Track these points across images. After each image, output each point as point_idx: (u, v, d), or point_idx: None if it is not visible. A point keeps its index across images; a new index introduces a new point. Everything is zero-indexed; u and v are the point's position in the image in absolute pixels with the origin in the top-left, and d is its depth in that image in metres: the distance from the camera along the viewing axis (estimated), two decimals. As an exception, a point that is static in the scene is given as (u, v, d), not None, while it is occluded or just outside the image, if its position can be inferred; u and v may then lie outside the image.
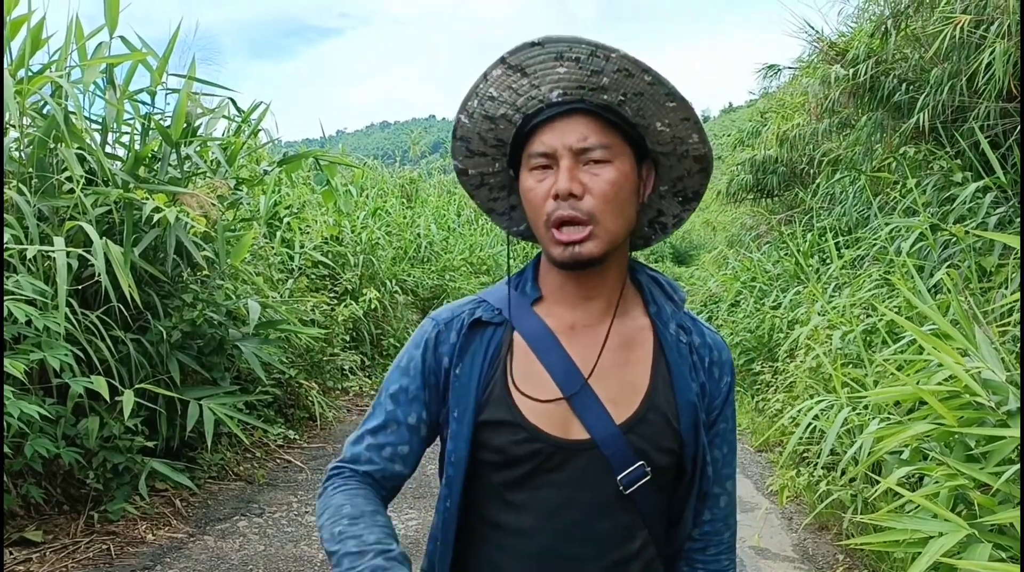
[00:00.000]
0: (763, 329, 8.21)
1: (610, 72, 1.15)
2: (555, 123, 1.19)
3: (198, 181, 5.72)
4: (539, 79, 1.18)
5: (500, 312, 1.31)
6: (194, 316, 5.08)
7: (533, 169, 1.21)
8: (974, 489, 2.52)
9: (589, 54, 1.14)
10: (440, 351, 1.30)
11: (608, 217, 1.18)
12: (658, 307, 1.32)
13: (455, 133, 1.28)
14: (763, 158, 11.56)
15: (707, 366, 1.32)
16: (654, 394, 1.26)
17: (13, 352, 3.89)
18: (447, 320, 1.32)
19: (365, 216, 10.93)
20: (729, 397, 1.35)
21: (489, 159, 1.31)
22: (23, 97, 4.56)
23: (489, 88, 1.21)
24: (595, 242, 1.18)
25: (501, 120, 1.24)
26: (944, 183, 5.73)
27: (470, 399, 1.25)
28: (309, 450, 6.58)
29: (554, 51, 1.15)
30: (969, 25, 5.12)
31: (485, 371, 1.27)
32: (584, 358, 1.26)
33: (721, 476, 1.35)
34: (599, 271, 1.26)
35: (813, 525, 4.95)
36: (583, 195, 1.16)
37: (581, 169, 1.17)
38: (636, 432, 1.24)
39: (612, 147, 1.19)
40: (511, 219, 1.40)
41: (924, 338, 2.91)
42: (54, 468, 4.48)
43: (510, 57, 1.18)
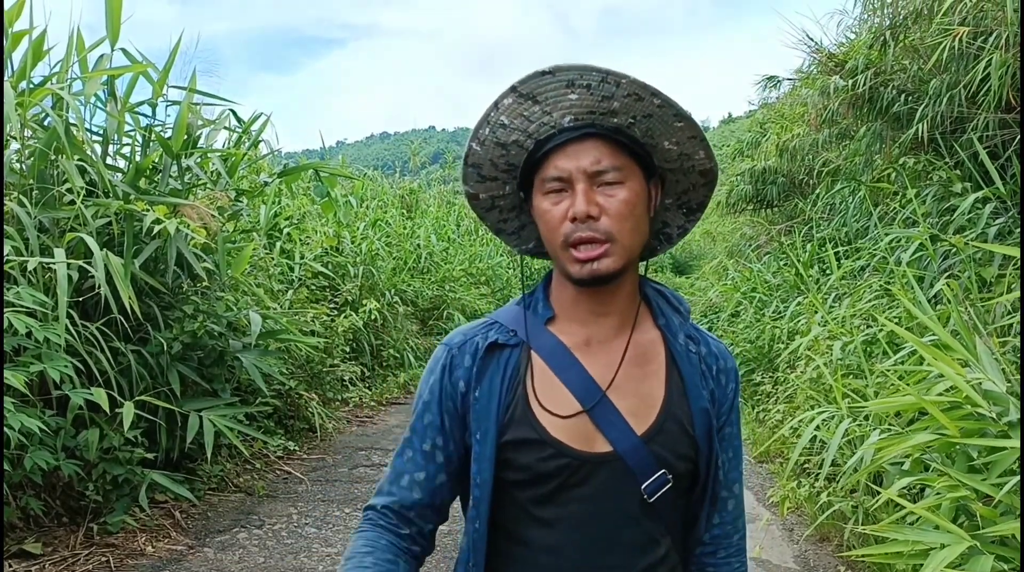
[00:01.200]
0: (763, 339, 8.20)
1: (620, 97, 1.20)
2: (568, 148, 1.23)
3: (199, 192, 5.73)
4: (550, 106, 1.22)
5: (515, 333, 1.34)
6: (195, 327, 5.08)
7: (548, 193, 1.25)
8: (976, 500, 2.51)
9: (600, 81, 1.18)
10: (455, 376, 1.32)
11: (625, 235, 1.23)
12: (667, 319, 1.36)
13: (467, 160, 1.31)
14: (762, 168, 11.58)
15: (715, 374, 1.36)
16: (670, 404, 1.30)
17: (13, 364, 3.88)
18: (460, 344, 1.34)
19: (365, 227, 10.94)
20: (735, 403, 1.39)
21: (500, 183, 1.34)
22: (24, 109, 4.57)
23: (501, 116, 1.25)
24: (612, 259, 1.22)
25: (513, 146, 1.28)
26: (944, 194, 5.74)
27: (491, 421, 1.28)
28: (309, 461, 6.57)
29: (565, 79, 1.19)
30: (967, 37, 5.14)
31: (505, 392, 1.30)
32: (602, 373, 1.30)
33: (728, 480, 1.39)
34: (613, 287, 1.29)
35: (814, 536, 4.93)
36: (600, 216, 1.21)
37: (596, 191, 1.22)
38: (656, 441, 1.28)
39: (624, 168, 1.23)
40: (520, 238, 1.44)
41: (925, 349, 2.91)
42: (54, 480, 4.47)
43: (521, 86, 1.21)
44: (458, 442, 1.34)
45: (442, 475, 1.34)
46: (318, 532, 4.98)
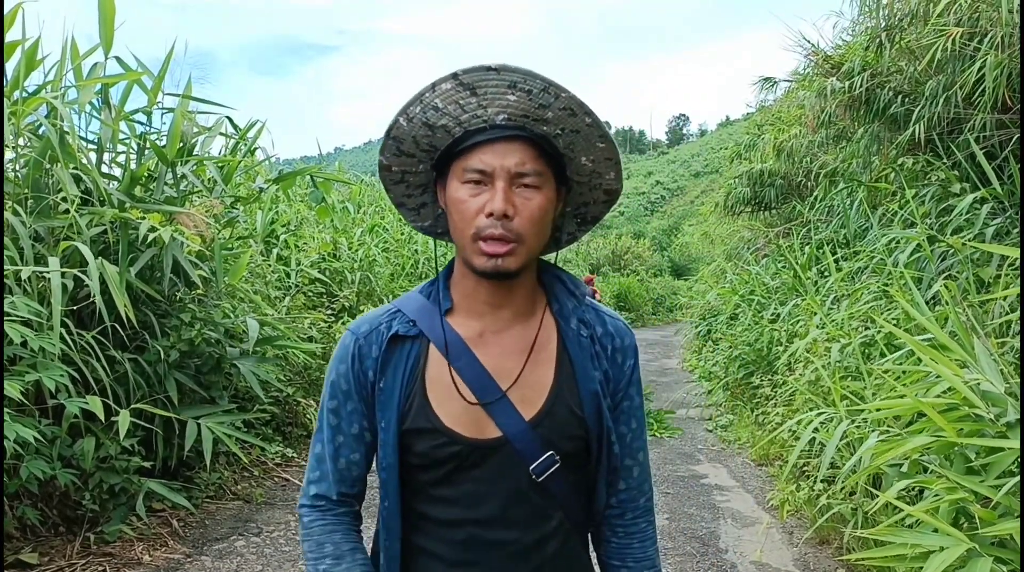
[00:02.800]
0: (762, 342, 8.18)
1: (556, 109, 1.27)
2: (496, 144, 1.29)
3: (195, 200, 5.72)
4: (488, 101, 1.28)
5: (415, 324, 1.40)
6: (192, 335, 5.07)
7: (467, 182, 1.30)
8: (974, 502, 2.50)
9: (542, 89, 1.25)
10: (365, 365, 1.39)
11: (532, 237, 1.30)
12: (560, 305, 1.44)
13: (389, 132, 1.35)
14: (760, 171, 11.56)
15: (610, 354, 1.44)
16: (559, 389, 1.39)
17: (9, 373, 3.87)
18: (366, 333, 1.41)
19: (362, 233, 10.93)
20: (632, 377, 1.47)
21: (415, 161, 1.39)
22: (18, 118, 4.57)
23: (435, 98, 1.29)
24: (516, 258, 1.29)
25: (440, 130, 1.33)
26: (942, 194, 5.73)
27: (393, 410, 1.37)
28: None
29: (509, 80, 1.25)
30: (962, 38, 5.13)
31: (405, 383, 1.37)
32: (495, 364, 1.38)
33: (632, 449, 1.48)
34: (511, 282, 1.36)
35: (814, 539, 4.92)
36: (514, 217, 1.28)
37: (513, 191, 1.28)
38: (544, 426, 1.36)
39: (543, 174, 1.30)
40: (419, 215, 1.51)
41: (923, 349, 2.90)
42: (50, 489, 4.46)
43: (464, 75, 1.26)
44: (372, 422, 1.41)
45: (372, 451, 1.44)
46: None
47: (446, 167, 1.35)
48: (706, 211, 19.71)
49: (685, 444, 8.25)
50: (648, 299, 31.64)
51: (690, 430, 9.01)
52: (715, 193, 21.29)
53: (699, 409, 10.21)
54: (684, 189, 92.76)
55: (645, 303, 31.26)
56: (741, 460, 7.38)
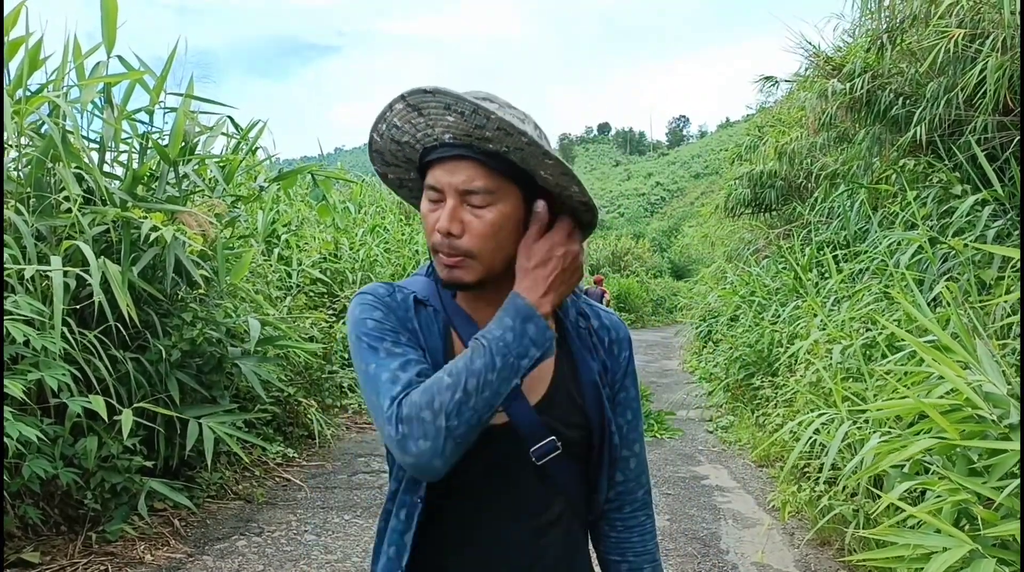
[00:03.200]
0: (762, 343, 8.19)
1: (492, 129, 1.26)
2: (446, 163, 1.31)
3: (196, 199, 5.73)
4: (433, 121, 1.29)
5: (428, 299, 1.41)
6: (193, 335, 5.07)
7: (427, 198, 1.33)
8: (977, 503, 2.50)
9: (472, 111, 1.25)
10: (399, 315, 1.37)
11: (485, 253, 1.30)
12: None
13: (371, 146, 1.39)
14: (761, 172, 11.57)
15: (607, 346, 1.48)
16: (560, 377, 1.42)
17: (11, 372, 3.87)
18: (388, 294, 1.39)
19: (363, 233, 10.94)
20: (628, 369, 1.50)
21: (403, 169, 1.43)
22: (21, 117, 4.57)
23: (394, 118, 1.32)
24: (468, 271, 1.31)
25: (405, 145, 1.36)
26: (943, 196, 5.73)
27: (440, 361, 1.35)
28: (308, 468, 6.56)
29: (443, 102, 1.26)
30: (963, 39, 5.14)
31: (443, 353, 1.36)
32: None
33: (628, 440, 1.50)
34: (492, 286, 1.35)
35: (815, 540, 4.92)
36: (462, 234, 1.29)
37: (464, 209, 1.29)
38: (546, 412, 1.38)
39: (496, 191, 1.29)
40: None
41: (925, 350, 2.90)
42: (52, 488, 4.46)
43: (409, 96, 1.28)
44: None
45: None
46: (317, 539, 4.96)
47: None
48: (706, 212, 19.70)
49: (686, 445, 8.25)
50: (648, 300, 31.67)
51: (690, 431, 9.01)
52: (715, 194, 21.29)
53: (699, 410, 10.21)
54: (684, 190, 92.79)
55: (645, 304, 31.29)
56: (742, 461, 7.38)
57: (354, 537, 5.00)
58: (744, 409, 8.63)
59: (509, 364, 1.23)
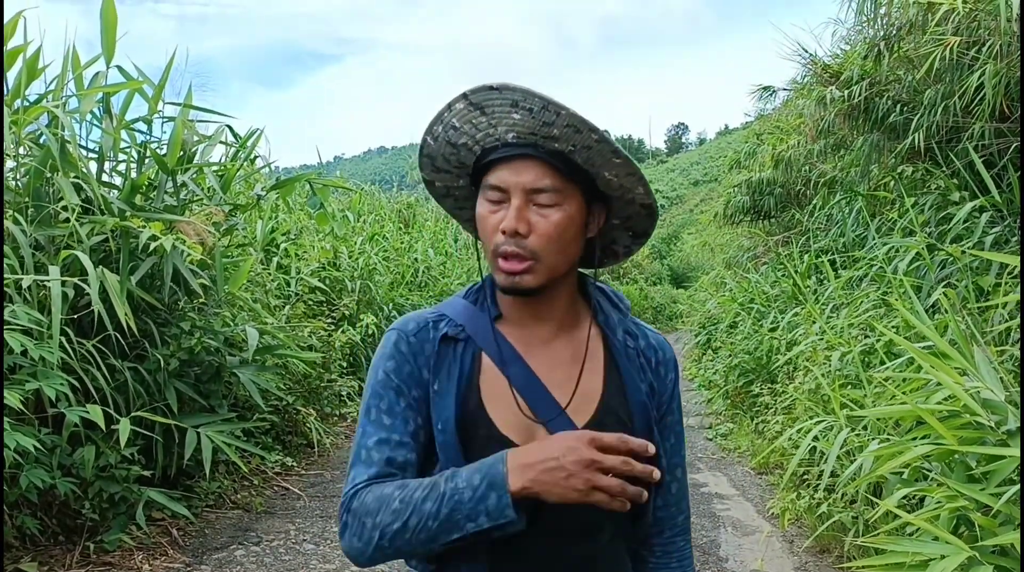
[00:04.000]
0: (761, 351, 8.19)
1: (560, 126, 1.24)
2: (511, 162, 1.28)
3: (195, 208, 5.73)
4: (496, 119, 1.27)
5: (463, 328, 1.37)
6: (191, 344, 5.06)
7: (488, 199, 1.30)
8: (975, 510, 2.50)
9: (541, 107, 1.23)
10: (419, 362, 1.35)
11: (550, 255, 1.27)
12: (606, 316, 1.43)
13: (422, 150, 1.36)
14: (759, 180, 11.59)
15: (654, 366, 1.43)
16: (608, 399, 1.36)
17: (9, 382, 3.87)
18: (415, 331, 1.37)
19: (362, 242, 10.94)
20: (674, 391, 1.47)
21: (453, 175, 1.39)
22: (19, 127, 4.57)
23: (452, 118, 1.29)
24: (534, 275, 1.27)
25: (462, 147, 1.33)
26: (941, 203, 5.74)
27: (451, 412, 1.31)
28: (307, 477, 6.55)
29: (510, 98, 1.24)
30: (960, 47, 5.15)
31: (461, 387, 1.33)
32: (546, 376, 1.35)
33: (671, 465, 1.46)
34: (546, 297, 1.35)
35: (814, 548, 4.92)
36: (528, 234, 1.26)
37: (530, 208, 1.27)
38: None
39: (562, 191, 1.27)
40: (474, 226, 1.47)
41: (923, 357, 2.90)
42: (50, 499, 4.45)
43: (471, 95, 1.26)
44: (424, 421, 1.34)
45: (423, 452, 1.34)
46: (316, 548, 4.95)
47: (479, 181, 1.34)
48: (705, 219, 19.70)
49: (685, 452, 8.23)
50: (647, 307, 31.66)
51: (690, 438, 9.00)
52: (714, 202, 21.33)
53: (699, 417, 10.21)
54: (683, 197, 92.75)
55: (644, 312, 31.27)
56: (741, 469, 7.37)
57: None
58: (743, 416, 8.62)
59: (454, 521, 1.18)
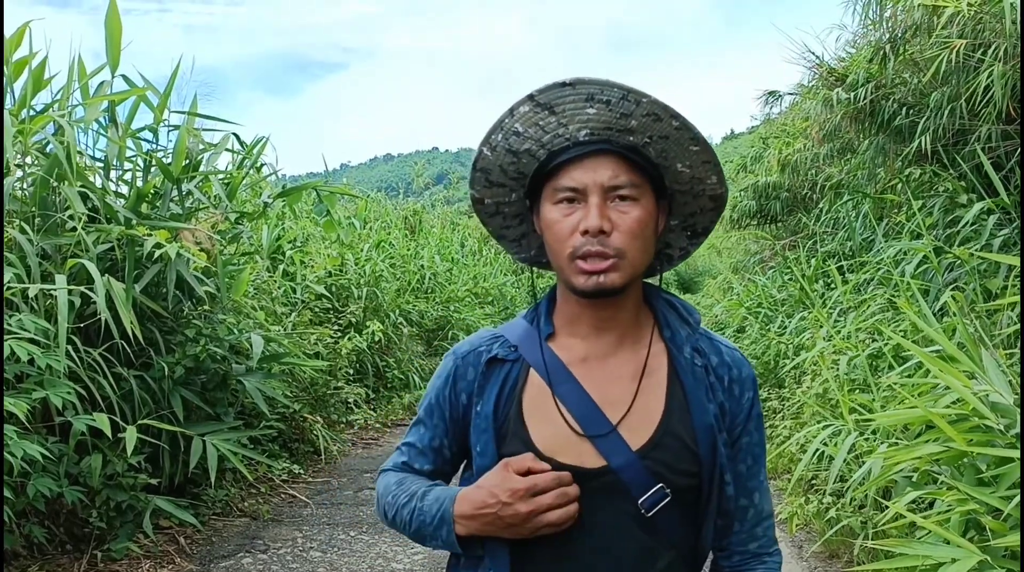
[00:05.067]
0: (769, 355, 8.16)
1: (639, 116, 1.20)
2: (584, 161, 1.24)
3: (201, 216, 5.74)
4: (568, 118, 1.23)
5: (515, 348, 1.35)
6: (197, 351, 5.06)
7: (559, 202, 1.25)
8: (985, 514, 2.48)
9: (620, 98, 1.19)
10: (459, 387, 1.35)
11: (634, 252, 1.24)
12: (672, 331, 1.36)
13: (476, 164, 1.32)
14: (765, 184, 11.58)
15: (727, 385, 1.34)
16: (669, 419, 1.30)
17: (16, 391, 3.87)
18: (464, 355, 1.37)
19: (369, 248, 10.94)
20: (752, 412, 1.37)
21: (507, 190, 1.35)
22: (26, 136, 4.59)
23: (515, 123, 1.25)
24: (619, 274, 1.23)
25: (524, 154, 1.28)
26: (949, 205, 5.72)
27: (490, 434, 1.30)
28: (314, 485, 6.54)
29: (585, 92, 1.20)
30: (966, 49, 5.13)
31: (501, 406, 1.31)
32: (601, 392, 1.30)
33: (747, 488, 1.37)
34: (615, 302, 1.30)
35: (823, 553, 4.89)
36: (611, 232, 1.22)
37: (609, 206, 1.23)
38: (652, 457, 1.27)
39: (638, 186, 1.24)
40: (520, 246, 1.46)
41: (931, 361, 2.88)
42: (57, 507, 4.45)
43: (539, 95, 1.22)
44: (462, 445, 1.39)
45: (447, 466, 1.43)
46: (323, 556, 4.94)
47: (538, 192, 1.30)
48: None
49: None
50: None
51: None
52: (721, 206, 21.24)
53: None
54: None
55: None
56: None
57: (360, 554, 4.98)
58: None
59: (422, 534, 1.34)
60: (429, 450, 1.40)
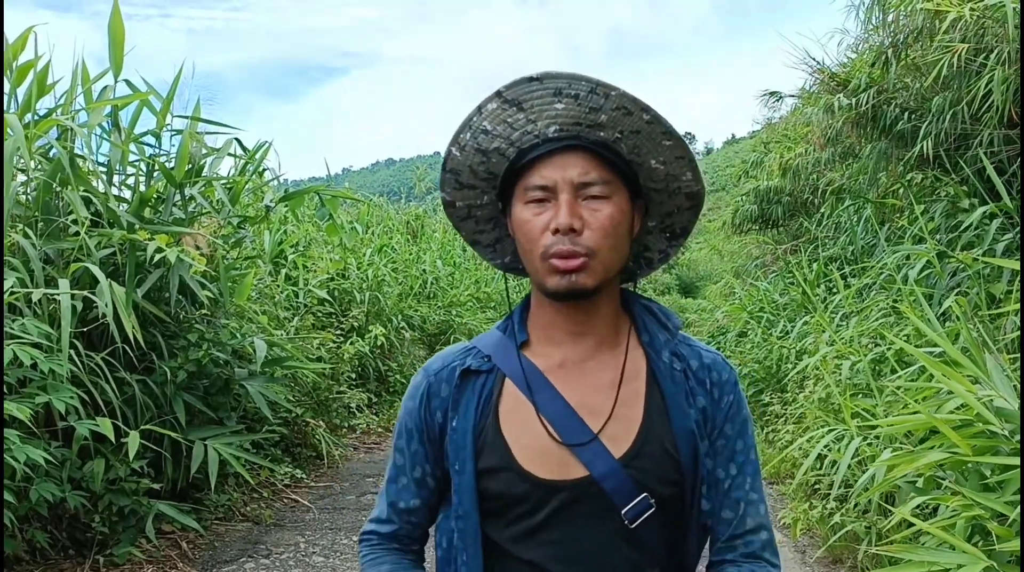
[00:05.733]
0: (771, 359, 8.15)
1: (608, 110, 1.17)
2: (553, 158, 1.20)
3: (203, 221, 5.74)
4: (536, 114, 1.19)
5: (489, 358, 1.31)
6: (199, 356, 5.06)
7: (529, 202, 1.22)
8: (991, 519, 2.47)
9: (589, 91, 1.16)
10: (432, 405, 1.31)
11: (605, 251, 1.19)
12: (651, 336, 1.31)
13: (445, 165, 1.28)
14: (767, 188, 11.58)
15: (708, 388, 1.29)
16: (649, 425, 1.25)
17: (19, 395, 3.87)
18: (436, 372, 1.33)
19: (371, 253, 10.94)
20: (730, 414, 1.30)
21: (478, 192, 1.32)
22: (29, 141, 4.59)
23: (483, 121, 1.22)
24: (590, 274, 1.19)
25: (494, 154, 1.25)
26: (951, 210, 5.72)
27: (467, 450, 1.26)
28: (316, 489, 6.53)
29: (552, 87, 1.17)
30: (968, 54, 5.13)
31: (478, 420, 1.27)
32: (579, 399, 1.26)
33: (732, 499, 1.29)
34: (590, 306, 1.26)
35: (826, 558, 4.88)
36: (582, 230, 1.18)
37: (580, 204, 1.19)
38: (634, 466, 1.23)
39: (610, 183, 1.20)
40: (495, 251, 1.42)
41: (934, 366, 2.88)
42: (60, 512, 4.44)
43: (506, 91, 1.19)
44: (439, 468, 1.33)
45: (435, 496, 1.36)
46: (326, 561, 4.94)
47: (509, 193, 1.26)
48: (714, 228, 19.70)
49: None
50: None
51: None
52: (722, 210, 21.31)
53: (709, 427, 10.14)
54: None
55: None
56: (752, 478, 7.31)
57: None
58: (754, 425, 8.57)
59: None
60: (413, 483, 1.34)
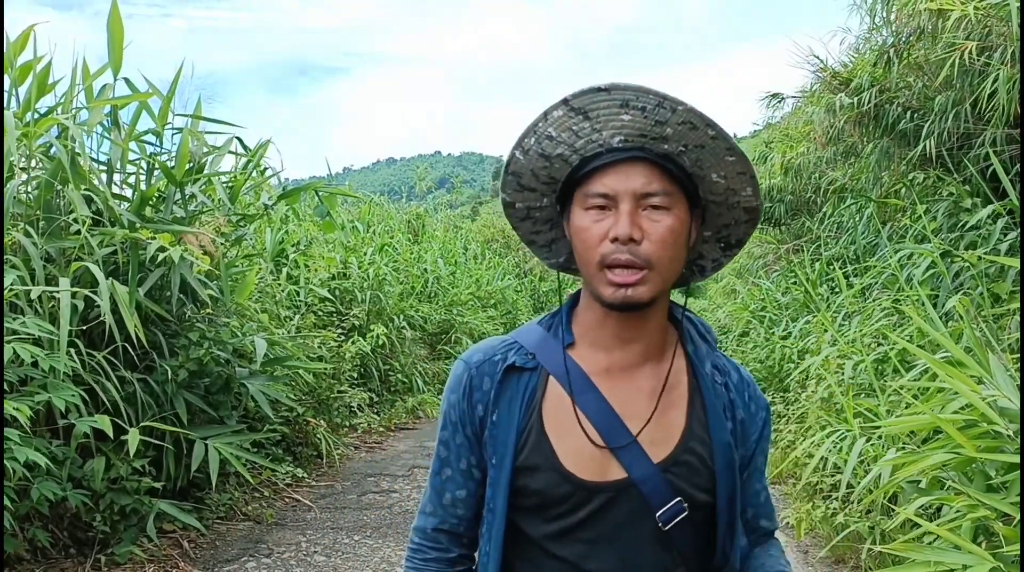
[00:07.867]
0: (773, 359, 8.14)
1: (674, 124, 1.18)
2: (616, 167, 1.21)
3: (204, 219, 5.73)
4: (601, 124, 1.20)
5: (533, 356, 1.32)
6: (200, 354, 5.05)
7: (589, 209, 1.22)
8: (996, 520, 2.46)
9: (656, 104, 1.17)
10: (475, 399, 1.32)
11: (664, 263, 1.21)
12: (695, 346, 1.35)
13: (507, 168, 1.30)
14: (769, 187, 11.56)
15: (746, 401, 1.35)
16: (690, 434, 1.29)
17: (19, 394, 3.86)
18: (478, 364, 1.33)
19: (372, 252, 10.94)
20: (764, 432, 1.38)
21: (538, 194, 1.33)
22: (30, 140, 4.58)
23: (548, 128, 1.23)
24: (648, 286, 1.20)
25: (557, 159, 1.26)
26: (954, 209, 5.70)
27: (508, 446, 1.28)
28: (318, 488, 6.52)
29: (620, 99, 1.17)
30: (971, 52, 5.12)
31: (522, 417, 1.29)
32: (622, 404, 1.28)
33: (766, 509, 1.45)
34: (643, 314, 1.27)
35: (830, 558, 4.86)
36: (642, 240, 1.19)
37: (640, 214, 1.20)
38: (672, 471, 1.26)
39: (672, 195, 1.21)
40: (551, 251, 1.43)
41: (938, 366, 2.87)
42: (61, 511, 4.43)
43: (573, 100, 1.20)
44: (481, 459, 1.35)
45: (481, 488, 1.35)
46: (327, 560, 4.93)
47: (569, 198, 1.28)
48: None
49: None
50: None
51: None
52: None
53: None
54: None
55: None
56: (754, 478, 7.31)
57: (364, 558, 4.97)
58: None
59: None
60: (460, 474, 1.35)
